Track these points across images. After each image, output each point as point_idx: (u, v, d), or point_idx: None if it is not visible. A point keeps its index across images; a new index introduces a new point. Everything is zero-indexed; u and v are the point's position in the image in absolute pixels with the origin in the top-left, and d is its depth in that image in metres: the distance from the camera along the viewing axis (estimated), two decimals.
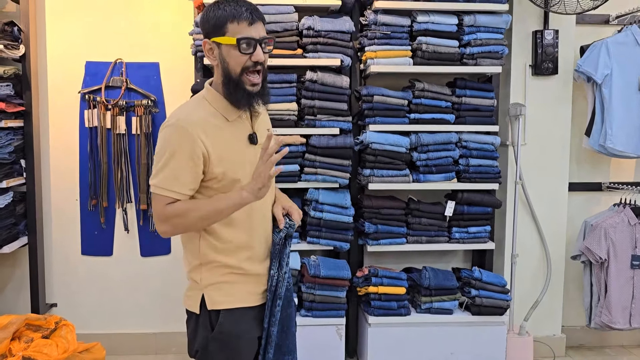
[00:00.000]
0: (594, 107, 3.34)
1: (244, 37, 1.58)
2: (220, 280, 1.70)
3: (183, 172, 1.59)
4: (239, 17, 1.58)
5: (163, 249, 3.47)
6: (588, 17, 3.42)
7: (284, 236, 1.76)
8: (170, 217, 1.59)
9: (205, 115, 1.64)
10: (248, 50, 1.59)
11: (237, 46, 1.58)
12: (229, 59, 1.61)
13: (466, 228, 3.19)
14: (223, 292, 1.70)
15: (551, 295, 3.40)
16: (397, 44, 3.06)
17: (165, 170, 1.59)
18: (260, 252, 1.75)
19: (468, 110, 3.16)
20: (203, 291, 1.70)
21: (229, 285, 1.71)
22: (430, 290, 3.05)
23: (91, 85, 3.33)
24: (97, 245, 3.43)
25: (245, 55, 1.59)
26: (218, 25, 1.60)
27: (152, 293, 3.49)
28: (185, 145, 1.58)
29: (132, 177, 3.40)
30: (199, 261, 1.71)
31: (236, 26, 1.58)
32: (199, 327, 1.71)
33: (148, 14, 3.35)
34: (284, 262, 1.76)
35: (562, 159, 3.39)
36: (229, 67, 1.62)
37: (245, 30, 1.58)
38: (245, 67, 1.61)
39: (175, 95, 3.38)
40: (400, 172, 3.09)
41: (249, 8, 1.60)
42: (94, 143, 3.34)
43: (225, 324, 1.68)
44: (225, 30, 1.59)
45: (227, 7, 1.59)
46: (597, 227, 3.24)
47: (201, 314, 1.70)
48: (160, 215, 1.60)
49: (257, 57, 1.60)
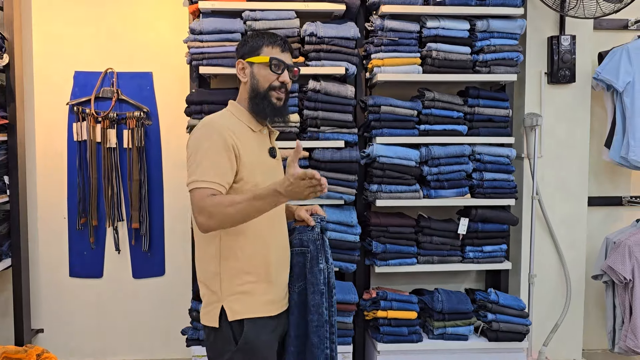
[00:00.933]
0: (614, 117, 3.15)
1: (276, 58, 1.80)
2: (240, 290, 1.74)
3: (220, 164, 1.67)
4: (273, 43, 1.82)
5: (156, 270, 3.26)
6: (605, 22, 3.25)
7: (320, 230, 1.89)
8: (210, 208, 1.61)
9: (232, 122, 1.79)
10: (277, 71, 1.80)
11: (269, 64, 1.80)
12: (259, 76, 1.81)
13: (481, 247, 2.99)
14: (243, 302, 1.74)
15: (571, 317, 3.18)
16: (406, 50, 2.88)
17: (203, 164, 1.66)
18: (279, 261, 1.82)
19: (481, 120, 2.98)
20: (222, 302, 1.74)
21: (249, 295, 1.75)
22: (443, 315, 2.84)
23: (80, 96, 3.15)
24: (86, 267, 3.23)
25: (274, 74, 1.81)
26: (254, 48, 1.82)
27: (145, 317, 3.28)
28: (218, 138, 1.69)
29: (123, 194, 3.20)
30: (218, 270, 1.75)
31: (270, 49, 1.81)
32: (220, 341, 1.74)
33: (140, 21, 3.18)
34: (328, 254, 1.89)
35: (581, 172, 3.19)
36: (258, 84, 1.81)
37: (278, 54, 1.82)
38: (272, 85, 1.81)
39: (169, 106, 3.20)
40: (410, 187, 2.90)
41: (283, 39, 1.85)
42: (83, 158, 3.16)
43: (249, 333, 1.72)
44: (260, 52, 1.81)
45: (264, 35, 1.84)
46: (620, 244, 3.03)
47: (221, 327, 1.73)
48: (201, 207, 1.62)
49: (283, 78, 1.82)
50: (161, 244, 3.25)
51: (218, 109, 2.74)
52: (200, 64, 2.80)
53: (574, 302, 3.19)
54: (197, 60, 2.80)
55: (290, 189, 1.58)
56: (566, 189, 3.18)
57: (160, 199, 3.24)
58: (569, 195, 3.18)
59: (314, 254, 1.88)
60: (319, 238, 1.88)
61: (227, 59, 2.78)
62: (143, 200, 3.18)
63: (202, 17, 2.83)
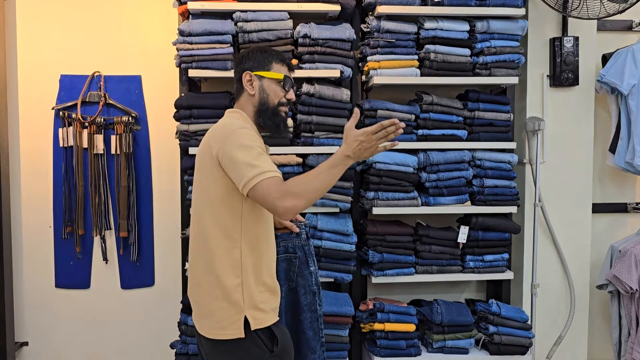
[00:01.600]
0: (619, 121, 3.05)
1: (288, 77, 1.90)
2: (259, 298, 1.78)
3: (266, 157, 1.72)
4: (282, 61, 1.91)
5: (146, 280, 3.15)
6: (609, 23, 3.14)
7: (305, 236, 2.05)
8: (294, 189, 1.63)
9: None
10: (288, 88, 1.89)
11: (282, 82, 1.88)
12: (269, 91, 1.87)
13: (481, 256, 2.88)
14: (262, 309, 1.78)
15: (575, 329, 3.07)
16: (403, 52, 2.78)
17: (260, 159, 1.67)
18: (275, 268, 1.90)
19: (482, 125, 2.87)
20: (245, 312, 1.74)
21: (265, 303, 1.79)
22: (443, 327, 2.73)
23: (66, 100, 3.04)
24: (72, 277, 3.11)
25: (284, 91, 1.89)
26: (264, 62, 1.88)
27: (135, 329, 3.16)
28: (258, 140, 1.76)
29: (111, 202, 3.09)
30: (240, 279, 1.75)
31: (280, 67, 1.90)
32: (246, 351, 1.74)
33: (129, 23, 3.07)
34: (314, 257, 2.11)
35: (585, 178, 3.08)
36: (267, 98, 1.87)
37: (286, 72, 1.91)
38: (280, 101, 1.89)
39: (158, 111, 3.09)
40: (408, 194, 2.80)
41: (286, 57, 1.95)
42: (69, 164, 3.04)
43: (281, 338, 1.79)
44: (271, 67, 1.88)
45: (272, 51, 1.92)
46: (626, 253, 2.92)
47: (248, 337, 1.74)
48: (284, 192, 1.62)
49: (291, 95, 1.91)
50: (150, 253, 3.14)
51: (208, 113, 2.71)
52: (190, 66, 2.69)
53: (578, 312, 3.08)
54: (186, 63, 2.70)
55: (360, 148, 1.67)
56: (569, 195, 3.07)
57: (150, 206, 3.12)
58: (573, 202, 3.07)
59: (302, 259, 2.09)
60: (306, 244, 2.07)
61: (217, 61, 2.68)
62: (131, 208, 3.07)
63: (191, 19, 2.73)
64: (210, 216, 1.76)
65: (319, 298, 2.12)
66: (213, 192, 1.75)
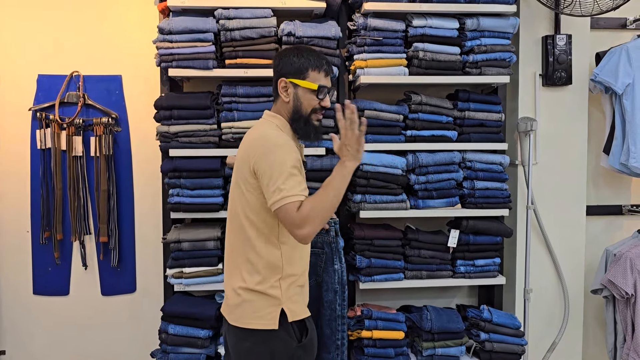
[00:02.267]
0: (613, 121, 2.97)
1: (323, 86, 1.88)
2: (293, 292, 1.90)
3: (300, 177, 1.78)
4: (319, 67, 1.89)
5: (127, 286, 3.05)
6: (603, 20, 3.07)
7: (334, 233, 2.08)
8: (308, 215, 1.71)
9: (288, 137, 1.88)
10: (322, 97, 1.89)
11: (316, 92, 1.88)
12: (303, 100, 1.88)
13: (472, 260, 2.79)
14: (296, 304, 1.90)
15: (569, 335, 2.99)
16: (391, 51, 2.69)
17: (290, 180, 1.74)
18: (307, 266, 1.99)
19: (472, 125, 2.79)
20: (283, 305, 1.86)
21: (298, 296, 1.92)
22: (432, 335, 2.64)
23: (44, 101, 2.94)
24: (51, 284, 3.01)
25: (318, 99, 1.89)
26: (300, 70, 1.88)
27: (115, 337, 3.07)
28: (294, 155, 1.80)
29: (90, 206, 2.99)
30: (279, 275, 1.87)
31: (316, 74, 1.88)
32: (276, 342, 1.84)
33: (109, 21, 2.98)
34: (341, 255, 2.13)
35: (579, 180, 3.00)
36: (301, 107, 1.89)
37: (323, 80, 1.90)
38: (314, 109, 1.90)
39: (140, 112, 2.99)
40: (396, 197, 2.71)
41: (327, 62, 1.92)
42: (47, 167, 2.95)
43: (311, 330, 1.91)
44: (307, 75, 1.87)
45: (310, 57, 1.89)
46: (621, 257, 2.84)
47: (281, 328, 1.84)
48: (298, 220, 1.71)
49: (325, 102, 1.91)
50: (132, 258, 3.04)
51: (189, 114, 2.61)
52: (170, 65, 2.60)
53: (573, 318, 2.99)
54: (166, 62, 2.61)
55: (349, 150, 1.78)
56: (563, 197, 2.99)
57: (131, 210, 3.02)
58: (566, 204, 2.99)
59: (329, 256, 2.13)
60: (333, 241, 2.09)
61: (198, 60, 2.59)
62: (112, 212, 2.97)
63: (172, 16, 2.64)
64: (249, 216, 1.86)
65: (340, 297, 2.12)
66: (250, 195, 1.85)
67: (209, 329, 2.56)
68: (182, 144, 2.61)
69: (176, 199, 2.61)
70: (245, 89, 2.63)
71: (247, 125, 2.62)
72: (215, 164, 2.60)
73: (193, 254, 2.62)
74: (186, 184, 2.59)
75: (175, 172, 2.60)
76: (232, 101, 2.63)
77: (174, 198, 2.61)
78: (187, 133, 2.61)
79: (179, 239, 2.60)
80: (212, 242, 2.62)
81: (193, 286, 2.64)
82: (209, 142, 2.62)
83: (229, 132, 2.63)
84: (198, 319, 2.55)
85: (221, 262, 2.68)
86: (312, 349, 1.92)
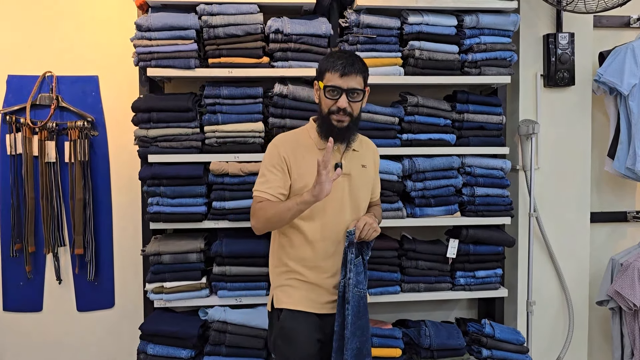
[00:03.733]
0: (618, 124, 2.83)
1: (330, 86, 1.93)
2: (285, 283, 2.01)
3: (271, 178, 1.96)
4: (332, 68, 1.92)
5: (104, 301, 2.86)
6: (606, 19, 2.93)
7: (347, 244, 1.94)
8: (256, 211, 1.95)
9: (298, 138, 2.04)
10: (334, 97, 1.93)
11: (324, 92, 1.94)
12: (322, 100, 1.97)
13: (473, 272, 2.63)
14: (286, 294, 2.00)
15: (574, 348, 2.84)
16: (385, 49, 2.54)
17: (260, 178, 1.99)
18: (325, 266, 1.99)
19: (471, 128, 2.64)
20: (274, 292, 2.04)
21: (292, 289, 2.00)
22: (431, 352, 2.48)
23: (14, 103, 2.75)
24: (22, 299, 2.82)
25: (330, 100, 1.94)
26: (321, 71, 1.97)
27: (92, 356, 2.87)
28: (273, 157, 1.99)
29: (65, 216, 2.80)
30: (275, 264, 2.06)
31: (330, 75, 1.93)
32: (270, 323, 2.08)
33: (84, 18, 2.79)
34: (347, 269, 1.93)
35: (583, 186, 2.86)
36: (321, 107, 1.98)
37: (335, 80, 1.92)
38: (331, 110, 1.94)
39: (118, 114, 2.81)
40: (392, 205, 2.55)
41: (345, 63, 1.92)
42: (17, 174, 2.75)
43: (286, 321, 1.97)
44: (324, 76, 1.95)
45: (330, 59, 1.95)
46: (628, 267, 2.70)
47: (272, 311, 2.04)
48: (251, 211, 1.97)
49: (340, 103, 1.92)
50: (110, 272, 2.85)
51: (169, 117, 2.42)
52: (149, 65, 2.43)
53: (577, 331, 2.84)
54: (144, 61, 2.44)
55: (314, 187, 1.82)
56: (566, 204, 2.85)
57: (109, 220, 2.83)
58: (569, 212, 2.85)
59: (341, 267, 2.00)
60: (345, 252, 1.95)
61: (179, 59, 2.42)
62: (88, 222, 2.78)
63: (150, 12, 2.46)
64: None
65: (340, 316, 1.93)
66: None
67: (191, 348, 2.38)
68: (162, 149, 2.44)
69: (156, 208, 2.43)
70: (230, 89, 2.46)
71: (231, 128, 2.45)
72: (198, 171, 2.42)
73: (174, 267, 2.45)
74: (166, 192, 2.42)
75: (155, 180, 2.42)
76: (215, 103, 2.46)
77: (153, 207, 2.43)
78: (167, 137, 2.43)
79: (159, 251, 2.42)
80: (194, 255, 2.44)
81: (175, 302, 2.47)
82: (191, 146, 2.45)
83: (213, 136, 2.46)
84: (179, 338, 2.37)
85: (205, 276, 2.50)
86: (290, 343, 1.93)
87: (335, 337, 1.92)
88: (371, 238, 1.95)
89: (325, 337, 1.98)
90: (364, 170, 2.06)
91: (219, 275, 2.47)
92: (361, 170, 2.05)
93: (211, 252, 2.46)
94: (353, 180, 2.02)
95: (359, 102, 1.96)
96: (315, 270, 1.99)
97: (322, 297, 2.00)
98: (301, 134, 2.05)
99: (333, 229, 1.99)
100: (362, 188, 2.05)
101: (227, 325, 2.40)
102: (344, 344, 1.90)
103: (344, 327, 1.91)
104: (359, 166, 2.05)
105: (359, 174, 2.04)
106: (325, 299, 2.00)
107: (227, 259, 2.46)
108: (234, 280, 2.47)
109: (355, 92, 1.93)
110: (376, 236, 1.97)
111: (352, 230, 1.93)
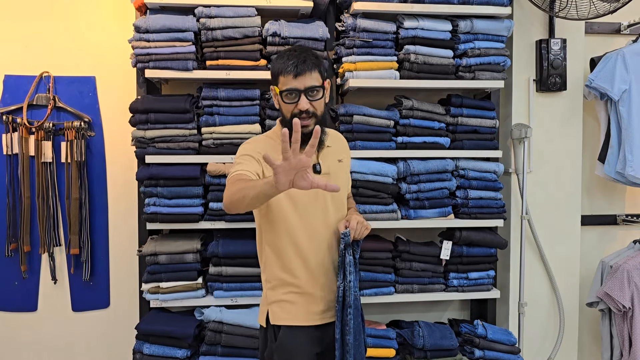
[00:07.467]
0: (608, 129, 2.88)
1: (286, 90, 1.79)
2: (282, 298, 1.88)
3: (246, 163, 1.79)
4: (285, 70, 1.79)
5: (100, 301, 2.86)
6: (597, 25, 2.98)
7: (343, 247, 1.84)
8: (227, 183, 1.74)
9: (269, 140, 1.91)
10: (292, 100, 1.79)
11: (282, 97, 1.81)
12: (281, 106, 1.84)
13: (466, 273, 2.67)
14: (284, 310, 1.88)
15: (565, 349, 2.88)
16: (381, 53, 2.57)
17: (235, 166, 1.80)
18: (316, 270, 1.88)
19: (465, 132, 2.67)
20: (268, 307, 1.91)
21: (290, 304, 1.88)
22: (424, 352, 2.51)
23: (11, 103, 2.75)
24: (17, 299, 2.81)
25: (290, 104, 1.80)
26: (274, 75, 1.84)
27: (88, 356, 2.87)
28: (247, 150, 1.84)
29: (61, 215, 2.80)
30: (266, 276, 1.93)
31: (284, 78, 1.79)
32: (263, 339, 1.93)
33: (82, 19, 2.80)
34: (347, 272, 1.83)
35: (574, 189, 2.90)
36: (282, 112, 1.85)
37: (290, 82, 1.78)
38: (293, 114, 1.79)
39: (114, 115, 2.82)
40: (387, 207, 2.58)
41: (297, 61, 1.78)
42: (13, 174, 2.76)
43: (284, 338, 1.86)
44: (278, 81, 1.82)
45: (279, 60, 1.82)
46: (618, 269, 2.74)
47: (267, 327, 1.91)
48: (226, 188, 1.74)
49: (300, 106, 1.78)
50: (105, 272, 2.85)
51: (166, 118, 2.44)
52: (147, 66, 2.45)
53: (567, 332, 2.89)
54: (142, 63, 2.46)
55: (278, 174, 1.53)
56: (557, 207, 2.89)
57: (104, 220, 2.84)
58: (560, 215, 2.89)
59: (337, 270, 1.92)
60: (341, 254, 1.85)
61: (177, 61, 2.44)
62: (84, 222, 2.78)
63: (149, 14, 2.48)
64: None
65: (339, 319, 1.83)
66: None
67: (187, 348, 2.39)
68: (159, 149, 2.45)
69: (152, 209, 2.44)
70: (228, 91, 2.48)
71: (228, 130, 2.47)
72: (195, 172, 2.44)
73: (170, 268, 2.46)
74: (163, 192, 2.43)
75: (152, 180, 2.43)
76: (213, 105, 2.48)
77: (150, 208, 2.44)
78: (164, 138, 2.45)
79: (156, 251, 2.44)
80: (191, 255, 2.46)
81: (171, 302, 2.49)
82: (188, 148, 2.46)
83: (210, 138, 2.48)
84: (175, 338, 2.38)
85: (201, 276, 2.52)
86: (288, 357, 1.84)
87: (337, 345, 1.83)
88: (363, 236, 1.87)
89: (323, 348, 1.90)
90: (340, 165, 1.96)
91: (215, 276, 2.49)
92: (338, 166, 1.94)
93: (207, 252, 2.48)
94: (332, 178, 1.88)
95: (320, 100, 1.82)
96: (308, 275, 1.88)
97: (318, 306, 1.89)
98: (272, 136, 1.94)
99: (319, 230, 1.89)
100: (341, 184, 1.92)
101: (222, 325, 2.41)
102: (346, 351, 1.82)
103: (344, 334, 1.82)
104: (335, 162, 1.94)
105: (337, 170, 1.93)
106: (321, 307, 1.89)
107: (223, 260, 2.47)
108: (230, 280, 2.49)
109: (314, 89, 1.79)
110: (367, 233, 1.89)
111: (347, 232, 1.83)
